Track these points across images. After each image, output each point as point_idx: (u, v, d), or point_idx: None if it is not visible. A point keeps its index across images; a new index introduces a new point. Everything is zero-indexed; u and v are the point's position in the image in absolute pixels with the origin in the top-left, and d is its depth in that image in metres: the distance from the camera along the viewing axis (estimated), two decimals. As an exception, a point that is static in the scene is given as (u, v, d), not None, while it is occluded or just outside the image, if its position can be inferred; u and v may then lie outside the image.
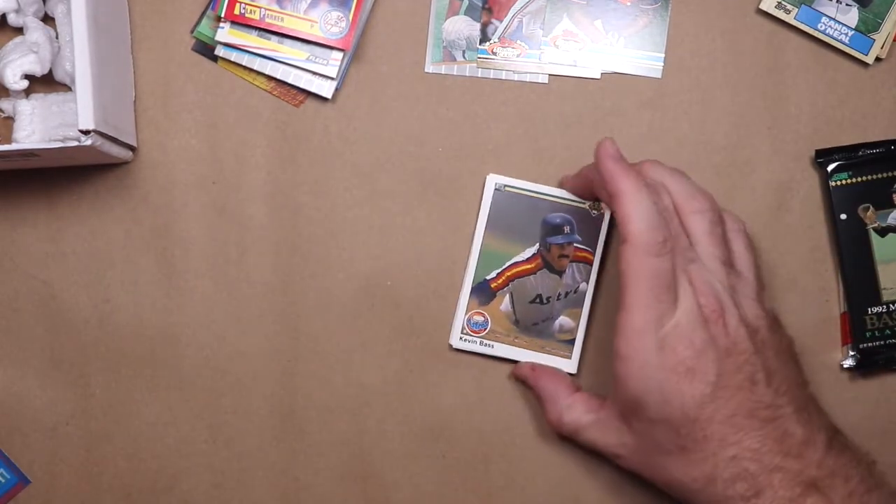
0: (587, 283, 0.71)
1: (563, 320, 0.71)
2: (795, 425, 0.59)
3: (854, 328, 0.70)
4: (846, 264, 0.70)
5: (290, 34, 0.70)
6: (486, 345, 0.71)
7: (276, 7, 0.70)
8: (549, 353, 0.71)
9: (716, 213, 0.65)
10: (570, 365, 0.71)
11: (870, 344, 0.70)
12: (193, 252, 0.72)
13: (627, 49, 0.72)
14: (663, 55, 0.72)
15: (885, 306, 0.70)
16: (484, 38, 0.73)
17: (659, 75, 0.72)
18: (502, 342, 0.71)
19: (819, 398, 0.69)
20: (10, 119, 0.70)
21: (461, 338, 0.71)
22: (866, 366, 0.70)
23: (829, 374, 0.72)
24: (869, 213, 0.69)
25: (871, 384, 0.72)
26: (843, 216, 0.70)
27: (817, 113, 0.72)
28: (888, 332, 0.70)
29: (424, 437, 0.72)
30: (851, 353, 0.72)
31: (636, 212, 0.60)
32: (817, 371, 0.72)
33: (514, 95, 0.73)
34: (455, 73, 0.73)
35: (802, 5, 0.71)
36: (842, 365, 0.72)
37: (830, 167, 0.70)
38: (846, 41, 0.71)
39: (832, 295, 0.72)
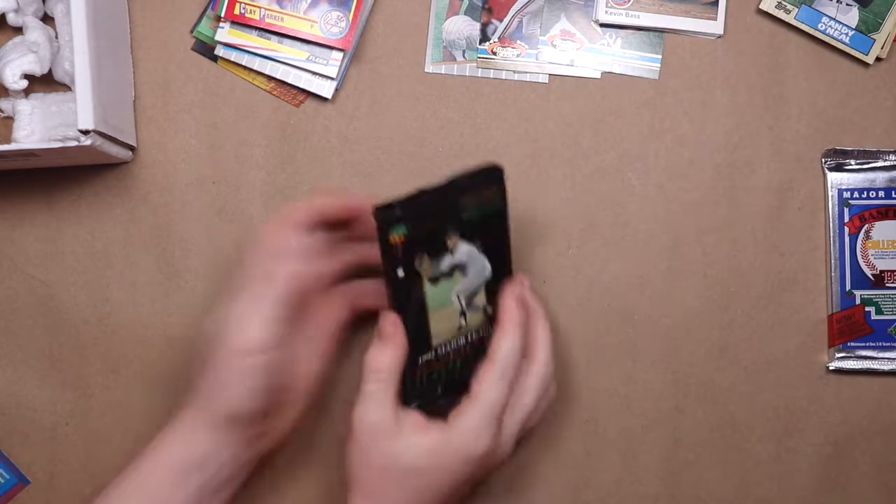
0: None
1: None
2: None
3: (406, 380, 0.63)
4: (407, 321, 0.62)
5: (290, 34, 0.70)
6: (632, 16, 0.70)
7: (276, 7, 0.70)
8: (694, 17, 0.69)
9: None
10: (716, 27, 0.70)
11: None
12: (193, 252, 0.72)
13: (624, 50, 0.72)
14: (660, 56, 0.72)
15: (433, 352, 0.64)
16: (484, 38, 0.73)
17: (656, 76, 0.72)
18: (648, 11, 0.70)
19: (813, 399, 0.69)
20: (9, 119, 0.70)
21: (606, 11, 0.70)
22: None
23: (822, 373, 0.73)
24: (425, 265, 0.61)
25: (870, 385, 0.73)
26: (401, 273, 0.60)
27: (817, 113, 0.72)
28: (434, 377, 0.64)
29: (424, 437, 0.72)
30: (837, 355, 0.72)
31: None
32: (811, 371, 0.72)
33: (514, 95, 0.73)
34: (455, 73, 0.73)
35: (802, 5, 0.71)
36: (828, 367, 0.72)
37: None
38: (846, 41, 0.71)
39: (827, 296, 0.73)
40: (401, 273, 0.59)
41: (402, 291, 0.60)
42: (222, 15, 0.70)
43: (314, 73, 0.71)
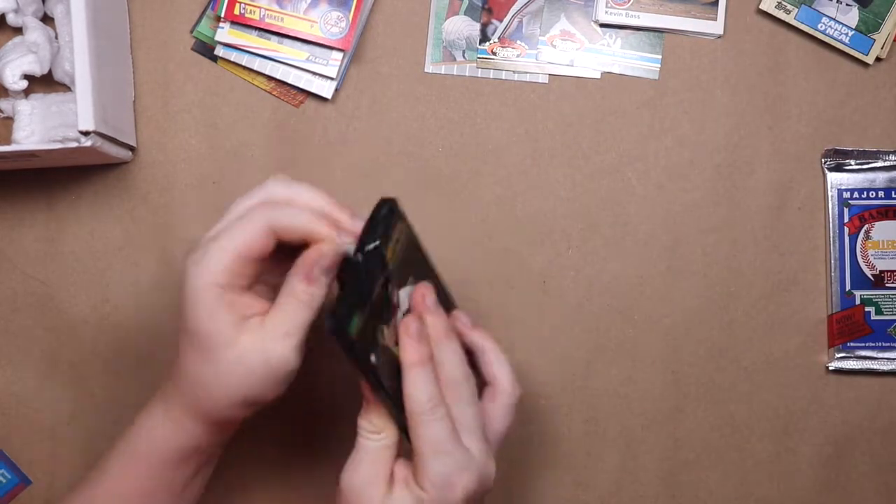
0: None
1: None
2: None
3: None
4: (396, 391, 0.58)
5: (290, 34, 0.70)
6: (631, 16, 0.70)
7: (276, 7, 0.70)
8: (694, 17, 0.70)
9: None
10: (716, 27, 0.70)
11: None
12: (193, 252, 0.72)
13: (624, 50, 0.72)
14: (660, 56, 0.72)
15: None
16: (484, 38, 0.72)
17: (656, 77, 0.72)
18: (648, 11, 0.70)
19: (813, 399, 0.69)
20: (9, 119, 0.70)
21: (606, 11, 0.70)
22: None
23: (822, 373, 0.73)
24: (388, 335, 0.57)
25: (870, 385, 0.73)
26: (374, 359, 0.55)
27: (817, 113, 0.72)
28: None
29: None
30: (837, 355, 0.72)
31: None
32: (811, 371, 0.72)
33: (514, 95, 0.73)
34: (455, 73, 0.73)
35: (802, 5, 0.71)
36: (827, 367, 0.72)
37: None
38: (846, 41, 0.71)
39: (826, 296, 0.73)
40: (373, 359, 0.54)
41: (383, 372, 0.55)
42: (222, 15, 0.70)
43: (314, 74, 0.71)
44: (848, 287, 0.72)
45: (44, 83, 0.70)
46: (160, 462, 0.59)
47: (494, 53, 0.72)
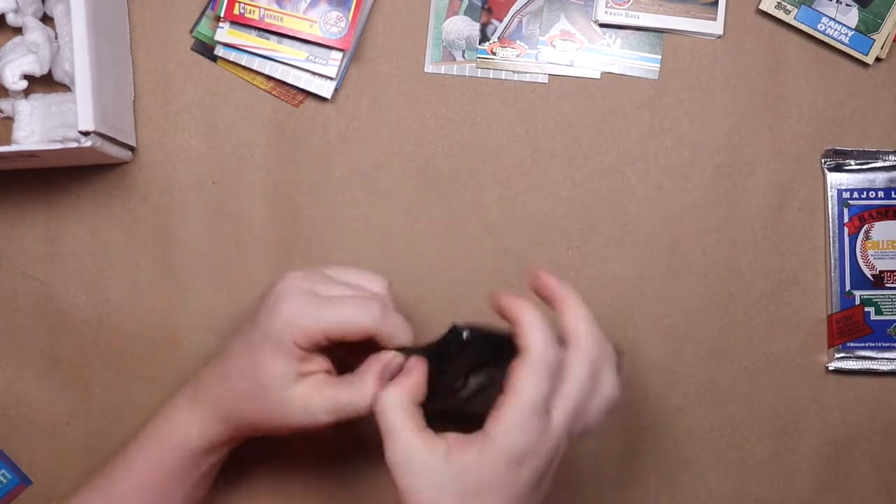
0: None
1: None
2: None
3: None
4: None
5: (290, 34, 0.70)
6: (631, 16, 0.70)
7: (275, 7, 0.70)
8: (694, 17, 0.70)
9: None
10: (716, 27, 0.70)
11: None
12: (193, 252, 0.72)
13: (624, 50, 0.72)
14: (660, 56, 0.72)
15: None
16: (483, 38, 0.72)
17: (656, 77, 0.72)
18: (648, 11, 0.70)
19: (813, 399, 0.69)
20: (9, 119, 0.70)
21: (606, 11, 0.70)
22: None
23: (821, 374, 0.73)
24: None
25: (870, 385, 0.73)
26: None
27: (817, 113, 0.72)
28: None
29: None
30: (837, 355, 0.72)
31: None
32: (811, 371, 0.72)
33: (514, 95, 0.73)
34: (455, 73, 0.73)
35: (802, 5, 0.71)
36: (827, 367, 0.72)
37: None
38: (846, 41, 0.71)
39: (826, 297, 0.73)
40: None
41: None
42: (222, 15, 0.70)
43: (314, 73, 0.71)
44: (848, 287, 0.72)
45: (44, 83, 0.70)
46: (183, 452, 0.64)
47: (494, 53, 0.72)
